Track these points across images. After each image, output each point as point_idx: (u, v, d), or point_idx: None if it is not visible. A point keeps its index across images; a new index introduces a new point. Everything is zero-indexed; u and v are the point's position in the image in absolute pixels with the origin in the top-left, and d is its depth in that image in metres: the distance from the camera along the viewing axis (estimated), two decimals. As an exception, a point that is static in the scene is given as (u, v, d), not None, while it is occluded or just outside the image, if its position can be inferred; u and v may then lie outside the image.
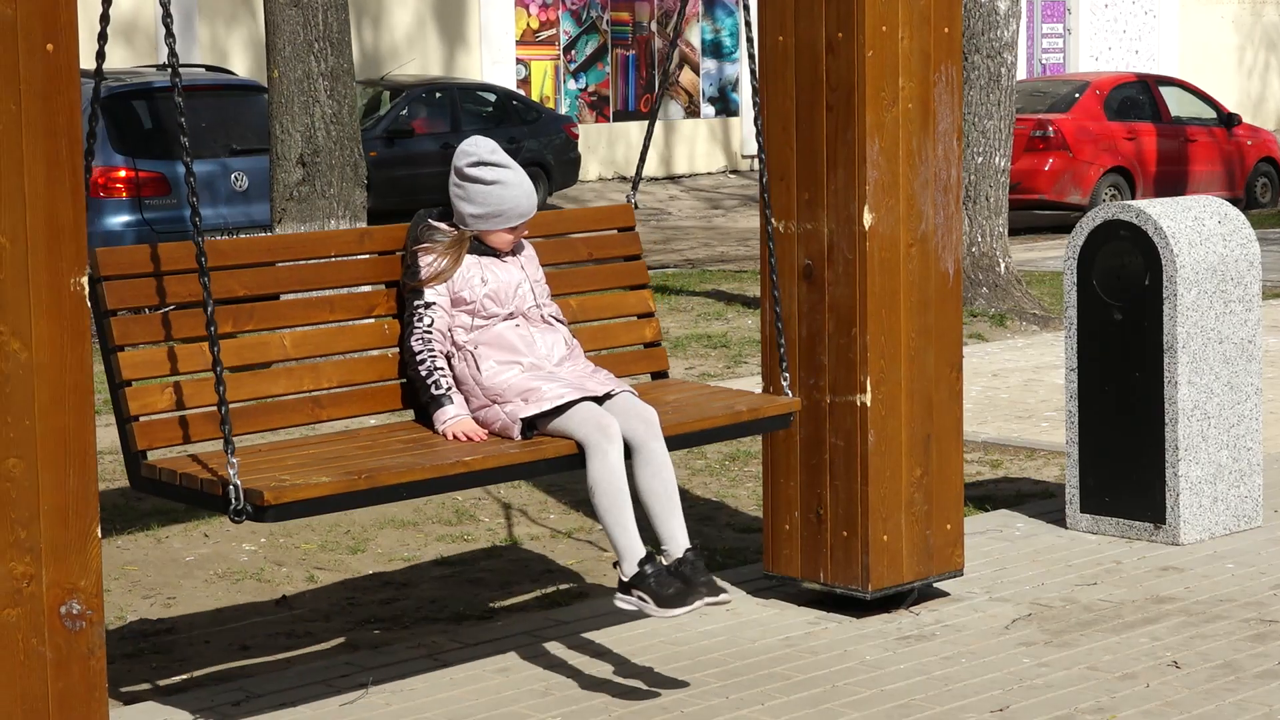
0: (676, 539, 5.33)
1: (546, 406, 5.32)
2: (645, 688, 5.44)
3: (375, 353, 5.57)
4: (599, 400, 5.40)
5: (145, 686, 5.70)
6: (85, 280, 4.27)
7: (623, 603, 5.28)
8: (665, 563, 5.32)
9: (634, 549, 5.25)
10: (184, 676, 5.81)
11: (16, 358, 4.17)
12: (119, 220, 14.11)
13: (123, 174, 14.16)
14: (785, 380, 5.95)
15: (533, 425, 5.35)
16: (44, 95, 4.17)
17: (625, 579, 5.26)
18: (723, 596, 5.28)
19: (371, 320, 5.58)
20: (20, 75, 4.13)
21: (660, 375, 6.14)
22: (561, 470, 5.41)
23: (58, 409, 4.23)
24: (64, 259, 4.23)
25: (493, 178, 5.49)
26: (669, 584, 5.21)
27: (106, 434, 9.10)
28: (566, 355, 5.55)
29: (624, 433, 5.31)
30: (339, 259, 5.56)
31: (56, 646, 4.26)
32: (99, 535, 4.33)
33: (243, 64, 24.09)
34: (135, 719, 5.24)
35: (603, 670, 5.60)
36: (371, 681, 5.49)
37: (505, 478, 5.48)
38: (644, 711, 5.25)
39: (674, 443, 5.47)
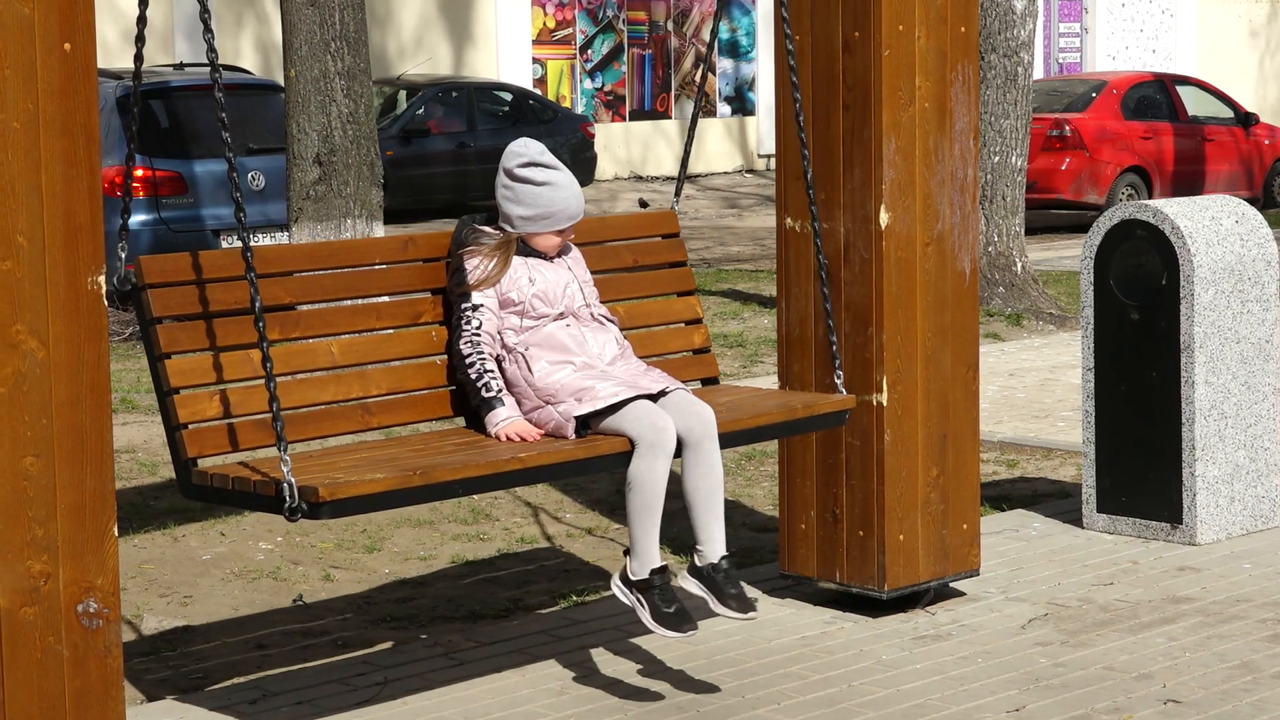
0: (715, 543, 5.31)
1: (601, 404, 5.25)
2: (660, 687, 5.44)
3: (424, 360, 5.53)
4: (653, 398, 5.37)
5: (161, 684, 5.71)
6: (102, 279, 4.28)
7: (620, 593, 5.29)
8: (700, 564, 5.30)
9: (652, 556, 5.23)
10: (200, 674, 5.82)
11: (34, 356, 4.18)
12: (135, 219, 14.13)
13: (139, 173, 14.18)
14: (839, 379, 5.89)
15: (586, 424, 5.31)
16: (61, 94, 4.18)
17: (633, 576, 5.25)
18: (750, 615, 5.28)
19: (420, 327, 5.54)
20: (38, 74, 4.14)
21: (710, 381, 6.06)
22: (617, 468, 5.34)
23: (75, 407, 4.24)
24: (81, 258, 4.24)
25: (543, 179, 5.44)
26: (671, 602, 5.22)
27: (123, 432, 9.11)
28: (618, 354, 5.48)
29: (678, 429, 5.26)
30: (384, 266, 5.53)
31: (73, 645, 4.27)
32: (116, 534, 4.33)
33: (255, 64, 24.11)
34: (151, 717, 5.25)
35: (619, 670, 5.60)
36: (385, 688, 5.49)
37: (560, 475, 5.45)
38: (659, 711, 5.25)
39: (729, 440, 5.40)
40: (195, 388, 5.03)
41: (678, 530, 6.64)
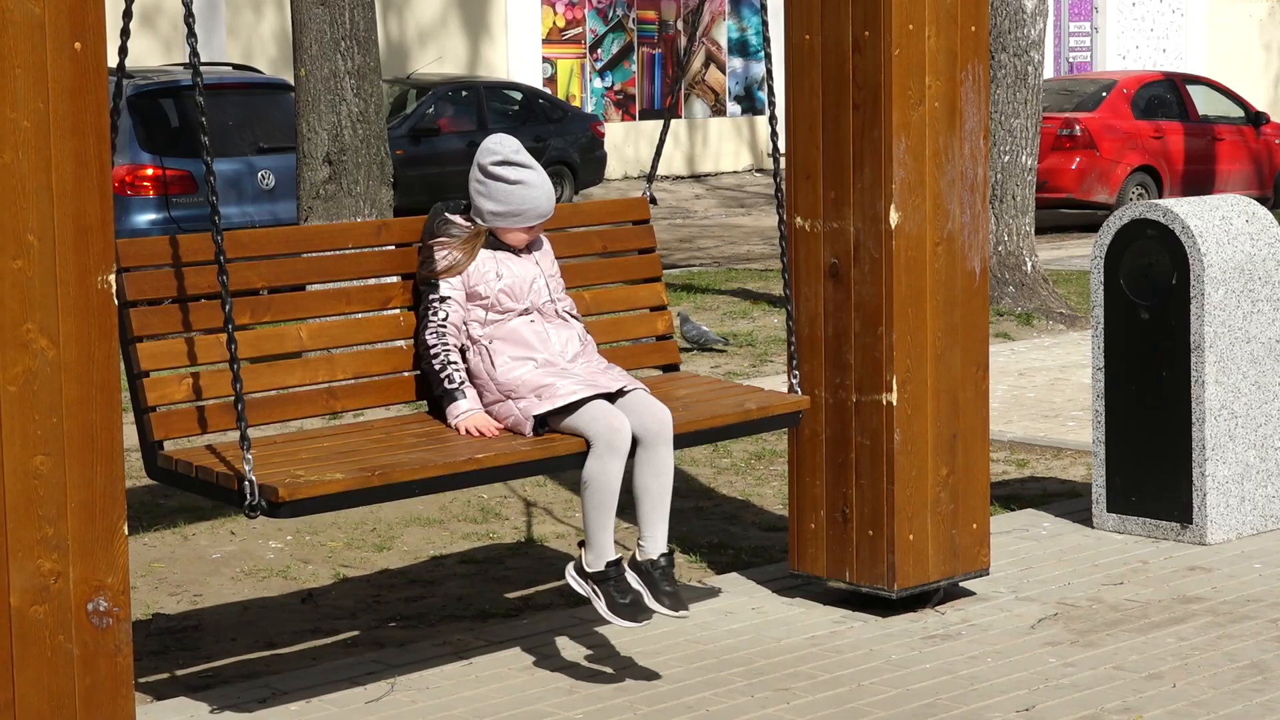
0: (657, 541, 5.45)
1: (559, 403, 5.35)
2: (669, 686, 5.44)
3: (391, 345, 5.60)
4: (611, 397, 5.42)
5: (171, 682, 5.72)
6: (113, 278, 4.28)
7: (574, 583, 5.43)
8: (640, 558, 5.42)
9: (607, 548, 5.38)
10: (210, 672, 5.82)
11: (44, 355, 4.18)
12: (146, 218, 14.16)
13: (150, 172, 14.19)
14: (795, 378, 5.98)
15: (545, 422, 5.39)
16: (72, 93, 4.19)
17: (589, 569, 5.39)
18: (682, 613, 5.43)
19: (388, 313, 5.61)
20: (48, 74, 4.15)
21: (672, 368, 6.18)
22: (573, 467, 5.43)
23: (85, 406, 4.25)
24: (91, 257, 4.24)
25: (515, 177, 5.53)
26: (626, 593, 5.36)
27: (133, 431, 9.12)
28: (580, 351, 5.59)
29: (634, 429, 5.36)
30: (356, 251, 5.59)
31: (83, 643, 4.27)
32: (126, 532, 4.34)
33: (274, 58, 24.12)
34: (161, 715, 5.26)
35: (628, 669, 5.60)
36: (394, 687, 5.49)
37: (517, 474, 5.52)
38: (668, 710, 5.25)
39: (684, 440, 5.51)
40: (165, 370, 5.07)
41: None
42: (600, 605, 5.38)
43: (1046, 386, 10.71)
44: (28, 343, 4.16)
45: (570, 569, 5.47)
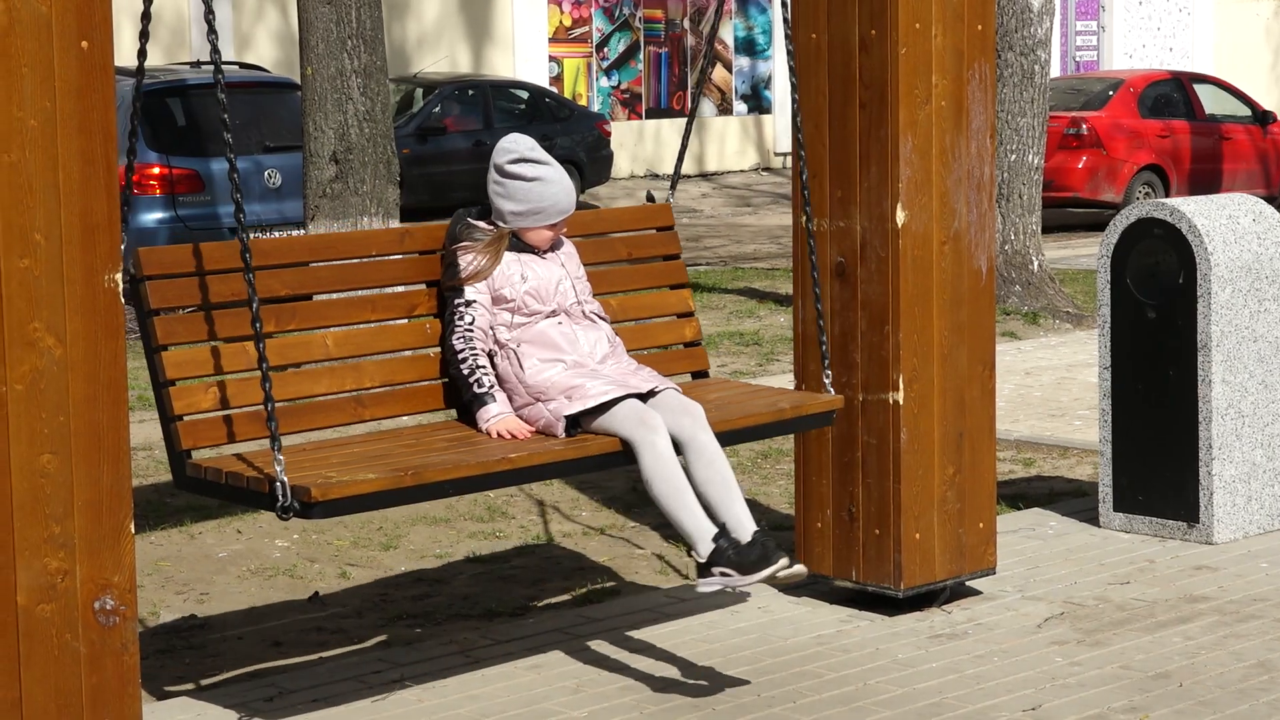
0: (743, 524, 5.27)
1: (591, 404, 5.30)
2: (675, 685, 5.44)
3: (417, 352, 5.56)
4: (642, 397, 5.38)
5: (177, 681, 5.72)
6: (119, 277, 4.29)
7: (706, 586, 5.20)
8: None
9: (704, 528, 5.20)
10: (216, 671, 5.82)
11: (51, 354, 4.19)
12: (153, 217, 14.16)
13: (156, 171, 14.20)
14: (828, 378, 5.92)
15: (576, 423, 5.34)
16: (79, 92, 4.19)
17: (702, 560, 5.19)
18: (799, 567, 5.21)
19: (413, 320, 5.58)
20: (55, 72, 4.15)
21: (701, 375, 6.11)
22: (606, 467, 5.39)
23: (91, 405, 4.25)
24: (98, 256, 4.24)
25: (533, 174, 5.49)
26: (748, 552, 5.15)
27: (140, 430, 9.12)
28: (609, 353, 5.54)
29: (670, 429, 5.29)
30: (380, 258, 5.55)
31: (90, 642, 4.28)
32: (132, 531, 4.34)
33: (278, 58, 24.14)
34: (168, 714, 5.26)
35: (633, 668, 5.60)
36: (401, 686, 5.50)
37: (550, 475, 5.48)
38: (675, 709, 5.25)
39: (719, 440, 5.43)
40: (191, 379, 5.06)
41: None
42: (738, 581, 5.15)
43: (1053, 385, 10.71)
44: (34, 341, 4.17)
45: (698, 583, 5.24)
